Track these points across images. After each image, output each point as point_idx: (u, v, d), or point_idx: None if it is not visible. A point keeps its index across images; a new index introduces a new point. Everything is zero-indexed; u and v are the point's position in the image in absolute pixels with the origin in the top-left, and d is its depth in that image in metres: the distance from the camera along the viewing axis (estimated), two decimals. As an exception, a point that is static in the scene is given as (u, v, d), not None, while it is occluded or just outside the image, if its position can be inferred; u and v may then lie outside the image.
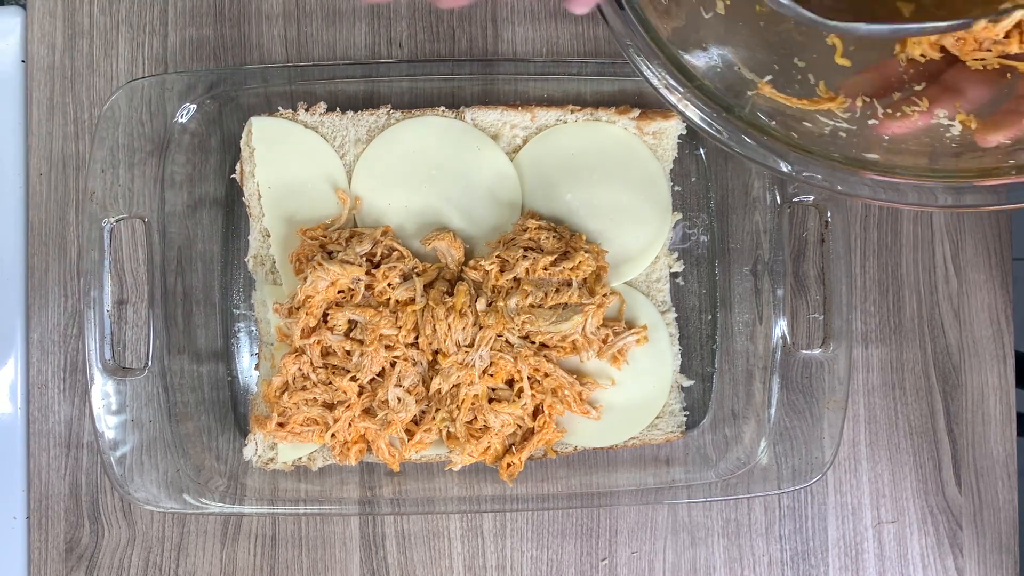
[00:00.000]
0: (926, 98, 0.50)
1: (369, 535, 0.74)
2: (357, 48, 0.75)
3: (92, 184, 0.67)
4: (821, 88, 0.52)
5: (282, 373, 0.68)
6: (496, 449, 0.70)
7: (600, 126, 0.72)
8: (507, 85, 0.71)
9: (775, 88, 0.52)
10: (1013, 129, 0.48)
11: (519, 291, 0.68)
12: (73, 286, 0.74)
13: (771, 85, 0.52)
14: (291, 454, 0.71)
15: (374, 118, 0.71)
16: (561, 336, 0.68)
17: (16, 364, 0.74)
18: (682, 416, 0.74)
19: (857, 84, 0.52)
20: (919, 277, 0.76)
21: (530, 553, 0.75)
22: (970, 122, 0.50)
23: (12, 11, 0.75)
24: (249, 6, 0.75)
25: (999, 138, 0.49)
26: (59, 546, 0.74)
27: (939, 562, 0.75)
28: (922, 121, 0.50)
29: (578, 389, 0.70)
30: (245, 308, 0.74)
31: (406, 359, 0.68)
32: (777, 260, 0.70)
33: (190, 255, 0.72)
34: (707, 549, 0.75)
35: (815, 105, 0.51)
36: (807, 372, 0.70)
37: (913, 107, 0.50)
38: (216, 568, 0.74)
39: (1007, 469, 0.76)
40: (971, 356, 0.76)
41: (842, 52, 0.52)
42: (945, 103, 0.50)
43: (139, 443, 0.67)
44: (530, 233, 0.69)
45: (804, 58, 0.53)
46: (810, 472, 0.69)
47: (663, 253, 0.73)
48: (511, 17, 0.75)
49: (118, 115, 0.67)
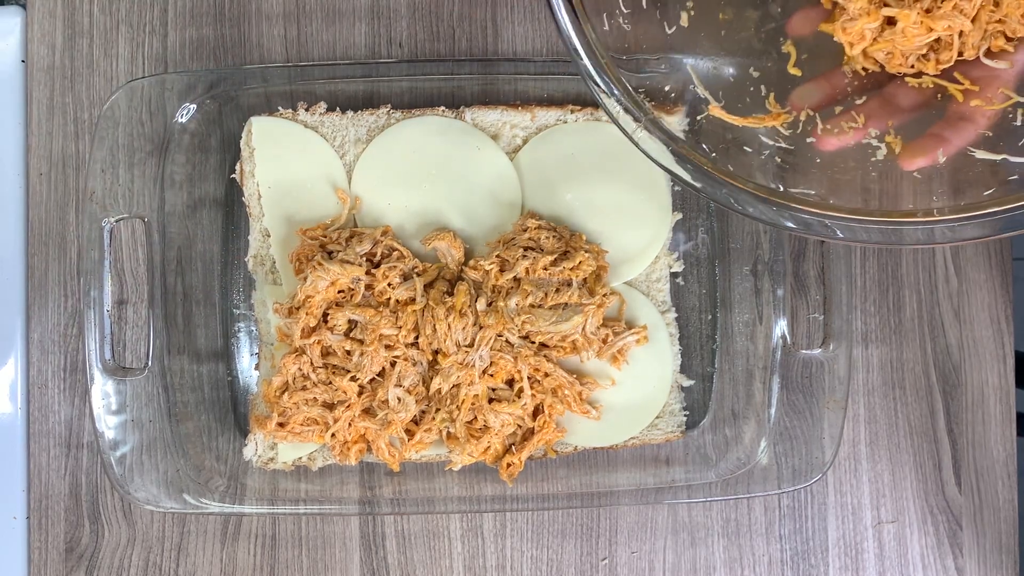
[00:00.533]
0: (863, 114, 0.52)
1: (369, 535, 0.74)
2: (357, 48, 0.75)
3: (92, 184, 0.67)
4: (771, 101, 0.54)
5: (282, 373, 0.68)
6: (496, 449, 0.70)
7: (600, 126, 0.72)
8: (507, 85, 0.71)
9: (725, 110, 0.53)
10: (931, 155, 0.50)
11: (519, 291, 0.68)
12: (73, 286, 0.74)
13: (721, 107, 0.54)
14: (291, 454, 0.71)
15: (374, 118, 0.71)
16: (561, 336, 0.68)
17: (16, 364, 0.74)
18: (682, 416, 0.74)
19: (805, 94, 0.54)
20: (919, 277, 0.76)
21: (530, 553, 0.75)
22: (895, 144, 0.51)
23: (12, 11, 0.75)
24: (249, 6, 0.75)
25: (919, 163, 0.50)
26: (59, 546, 0.74)
27: (939, 562, 0.75)
28: (855, 137, 0.52)
29: (578, 389, 0.70)
30: (245, 308, 0.74)
31: (406, 359, 0.68)
32: (777, 260, 0.70)
33: (190, 255, 0.72)
34: (707, 549, 0.75)
35: (760, 123, 0.53)
36: (807, 372, 0.70)
37: (850, 123, 0.52)
38: (216, 568, 0.74)
39: (1007, 469, 0.76)
40: (971, 356, 0.76)
41: (795, 61, 0.55)
42: (879, 119, 0.52)
43: (139, 443, 0.67)
44: (530, 233, 0.69)
45: (760, 67, 0.55)
46: (810, 472, 0.69)
47: (663, 253, 0.73)
48: (511, 17, 0.75)
49: (118, 115, 0.67)
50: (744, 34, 0.55)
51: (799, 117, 0.53)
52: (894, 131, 0.52)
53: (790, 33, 0.55)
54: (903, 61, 0.52)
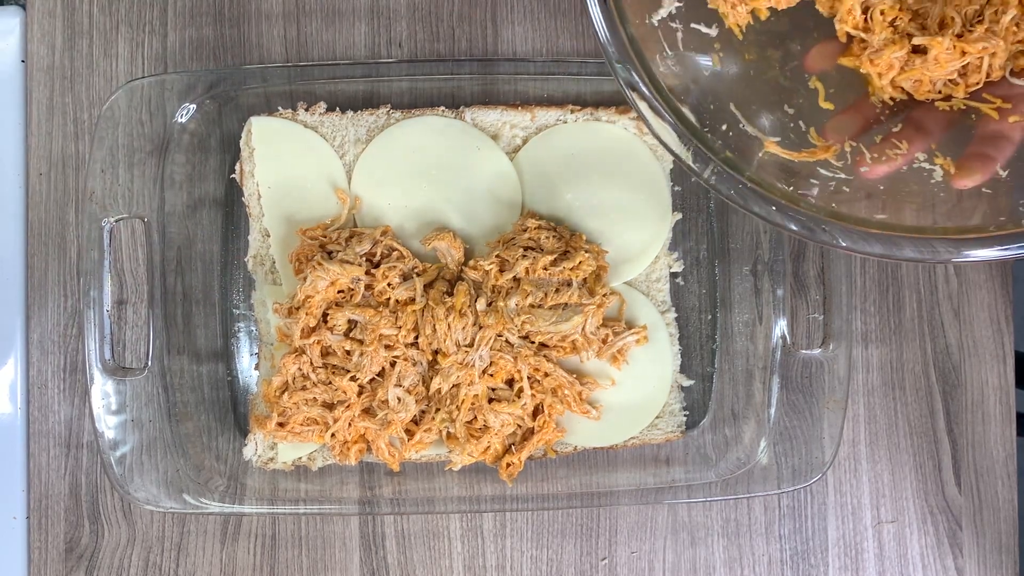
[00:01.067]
0: (904, 139, 0.53)
1: (369, 535, 0.74)
2: (357, 48, 0.75)
3: (92, 184, 0.67)
4: (812, 135, 0.55)
5: (282, 373, 0.68)
6: (496, 449, 0.70)
7: (600, 126, 0.72)
8: (507, 85, 0.71)
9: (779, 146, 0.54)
10: (982, 173, 0.50)
11: (519, 291, 0.68)
12: (73, 286, 0.74)
13: (776, 143, 0.54)
14: (291, 454, 0.71)
15: (374, 118, 0.71)
16: (561, 336, 0.68)
17: (16, 364, 0.74)
18: (682, 416, 0.74)
19: (840, 126, 0.54)
20: (919, 277, 0.76)
21: (530, 553, 0.75)
22: (948, 166, 0.52)
23: (12, 11, 0.75)
24: (249, 6, 0.75)
25: (971, 182, 0.51)
26: (59, 546, 0.74)
27: (939, 562, 0.75)
28: (903, 162, 0.52)
29: (578, 389, 0.70)
30: (245, 308, 0.74)
31: (406, 359, 0.68)
32: (777, 260, 0.70)
33: (190, 255, 0.72)
34: (707, 549, 0.75)
35: (813, 156, 0.54)
36: (807, 372, 0.70)
37: (894, 149, 0.53)
38: (216, 568, 0.74)
39: (1007, 469, 0.76)
40: (971, 356, 0.76)
41: (824, 96, 0.56)
42: (919, 143, 0.52)
43: (139, 443, 0.67)
44: (530, 233, 0.69)
45: (793, 104, 0.56)
46: (810, 472, 0.69)
47: (663, 253, 0.73)
48: (511, 17, 0.75)
49: (118, 115, 0.67)
50: (771, 73, 0.56)
51: (844, 148, 0.54)
52: (940, 153, 0.53)
53: (809, 70, 0.56)
54: (931, 88, 0.53)
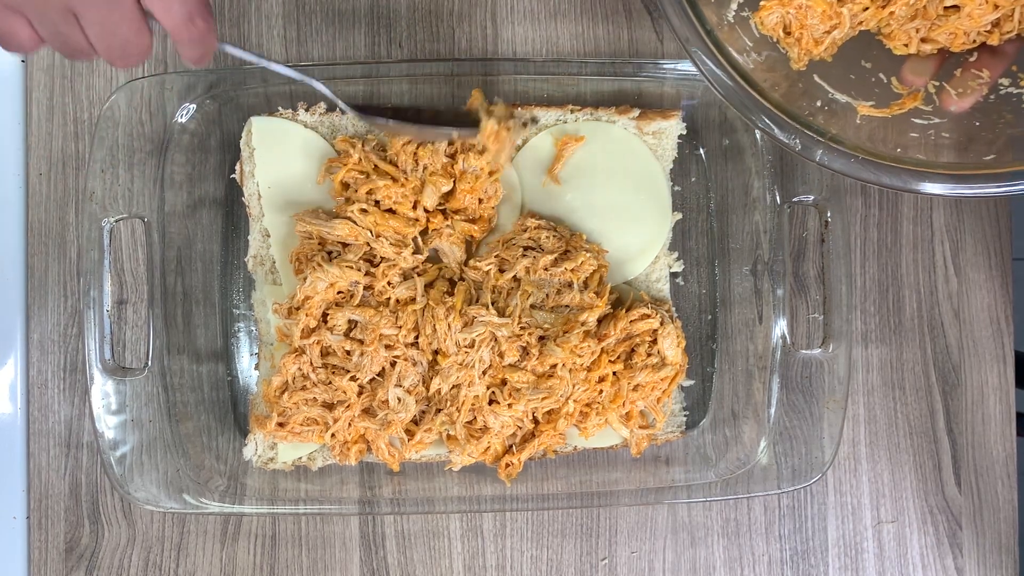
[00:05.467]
0: (984, 67, 0.54)
1: (369, 535, 0.74)
2: (357, 48, 0.75)
3: (92, 184, 0.67)
4: (895, 83, 0.56)
5: (282, 373, 0.68)
6: (496, 449, 0.70)
7: (600, 126, 0.72)
8: (507, 85, 0.71)
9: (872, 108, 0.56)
10: None
11: (519, 292, 0.68)
12: (73, 286, 0.74)
13: (870, 106, 0.56)
14: (291, 454, 0.71)
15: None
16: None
17: (16, 364, 0.74)
18: (682, 416, 0.74)
19: (916, 65, 0.56)
20: (919, 277, 0.76)
21: (530, 553, 0.75)
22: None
23: (12, 11, 0.75)
24: (249, 6, 0.75)
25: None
26: (59, 546, 0.74)
27: (939, 562, 0.75)
28: (987, 88, 0.54)
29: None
30: (245, 308, 0.74)
31: (406, 359, 0.68)
32: (777, 260, 0.70)
33: (190, 255, 0.72)
34: (707, 549, 0.75)
35: (902, 107, 0.55)
36: (807, 372, 0.70)
37: (977, 79, 0.54)
38: (216, 568, 0.74)
39: (1007, 469, 0.76)
40: (971, 356, 0.76)
41: None
42: (998, 67, 0.54)
43: (139, 443, 0.67)
44: (530, 232, 0.69)
45: (868, 57, 0.57)
46: (810, 472, 0.69)
47: (663, 253, 0.73)
48: (511, 17, 0.75)
49: (118, 115, 0.67)
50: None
51: (928, 90, 0.55)
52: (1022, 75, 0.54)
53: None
54: (965, 39, 0.54)
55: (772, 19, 0.55)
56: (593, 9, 0.75)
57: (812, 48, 0.56)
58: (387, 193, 0.67)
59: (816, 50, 0.56)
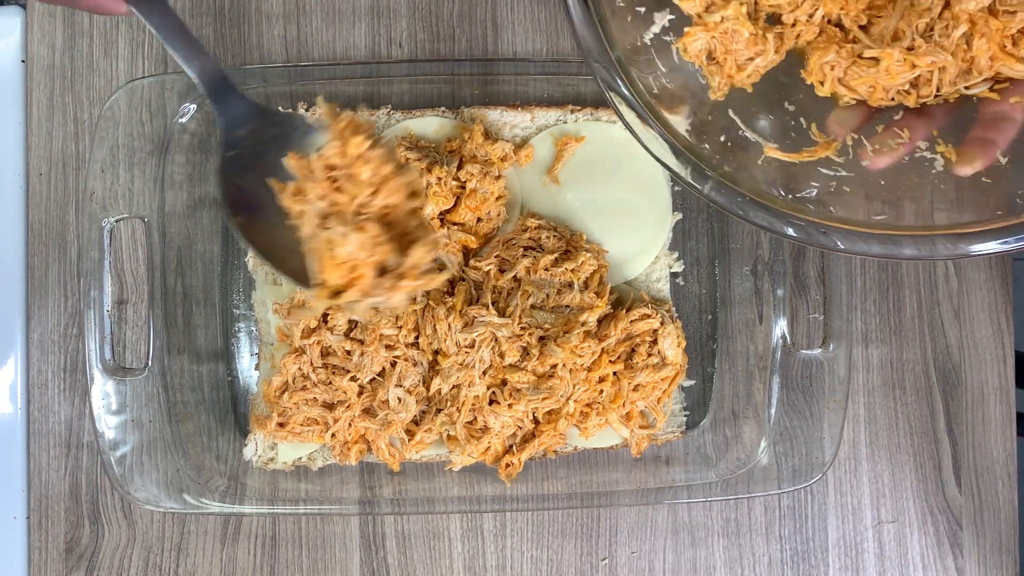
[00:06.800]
0: (905, 127, 0.53)
1: (369, 535, 0.74)
2: (357, 48, 0.75)
3: (92, 184, 0.67)
4: (814, 131, 0.55)
5: (282, 373, 0.68)
6: (496, 450, 0.70)
7: (600, 126, 0.72)
8: (507, 85, 0.71)
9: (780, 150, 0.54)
10: (983, 158, 0.51)
11: (520, 292, 0.68)
12: (73, 286, 0.74)
13: (776, 148, 0.54)
14: (291, 454, 0.71)
15: (374, 118, 0.71)
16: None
17: (16, 364, 0.74)
18: (682, 416, 0.74)
19: (842, 117, 0.54)
20: (919, 277, 0.76)
21: (530, 553, 0.75)
22: (950, 154, 0.52)
23: (12, 11, 0.75)
24: (249, 6, 0.75)
25: (972, 168, 0.51)
26: (59, 546, 0.74)
27: (939, 562, 0.75)
28: (905, 151, 0.53)
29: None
30: (245, 308, 0.74)
31: (406, 359, 0.68)
32: (777, 260, 0.70)
33: (190, 255, 0.72)
34: (707, 549, 0.75)
35: (814, 154, 0.54)
36: (807, 372, 0.70)
37: (895, 139, 0.53)
38: (216, 568, 0.74)
39: (1007, 469, 0.76)
40: (971, 356, 0.76)
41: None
42: (921, 131, 0.53)
43: (139, 443, 0.67)
44: (530, 232, 0.69)
45: (793, 100, 0.56)
46: (810, 472, 0.69)
47: (663, 253, 0.73)
48: (511, 17, 0.75)
49: (118, 115, 0.67)
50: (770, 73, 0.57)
51: (846, 142, 0.54)
52: (942, 140, 0.53)
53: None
54: (884, 95, 0.54)
55: (697, 45, 0.54)
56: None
57: (735, 74, 0.54)
58: None
59: (739, 76, 0.55)
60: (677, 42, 0.55)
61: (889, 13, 0.53)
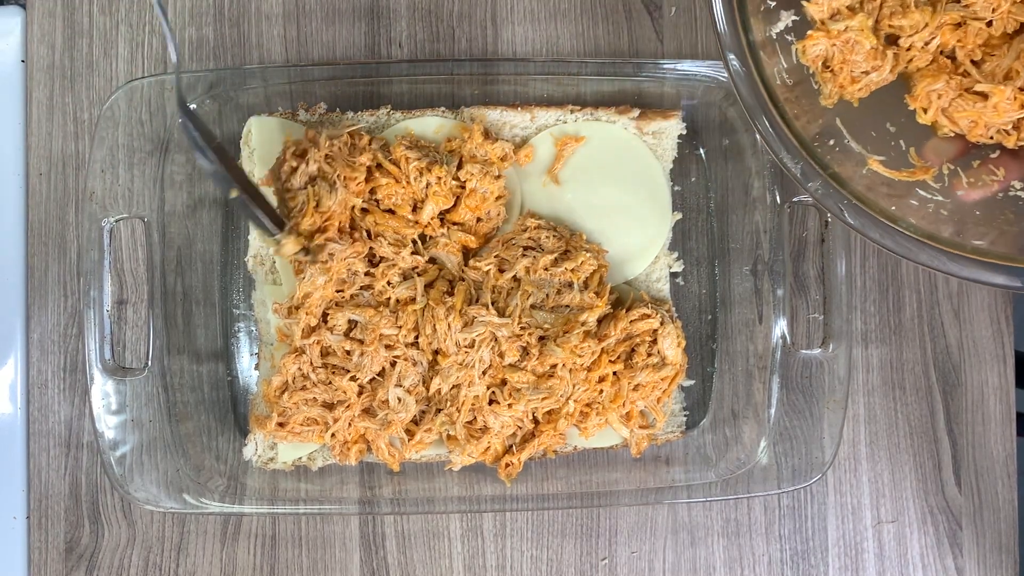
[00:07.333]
0: (1001, 166, 0.55)
1: (369, 535, 0.74)
2: (357, 48, 0.75)
3: (92, 184, 0.67)
4: (912, 155, 0.57)
5: (282, 373, 0.68)
6: (496, 449, 0.70)
7: (600, 126, 0.72)
8: (507, 85, 0.71)
9: (882, 165, 0.56)
10: None
11: (520, 291, 0.68)
12: (73, 286, 0.74)
13: (880, 162, 0.56)
14: (291, 454, 0.71)
15: (374, 118, 0.71)
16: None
17: (16, 364, 0.74)
18: (682, 416, 0.74)
19: (939, 146, 0.56)
20: (919, 277, 0.76)
21: (530, 553, 0.75)
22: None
23: (12, 11, 0.75)
24: (249, 6, 0.75)
25: None
26: (59, 546, 0.74)
27: (939, 562, 0.75)
28: (999, 187, 0.55)
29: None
30: (245, 308, 0.74)
31: (406, 359, 0.68)
32: (777, 260, 0.70)
33: (190, 255, 0.72)
34: (707, 549, 0.75)
35: (912, 176, 0.56)
36: (807, 372, 0.70)
37: (992, 176, 0.55)
38: (216, 568, 0.74)
39: (1007, 469, 0.76)
40: (971, 356, 0.76)
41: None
42: (1015, 171, 0.55)
43: (139, 443, 0.67)
44: (530, 232, 0.69)
45: (895, 122, 0.58)
46: (810, 472, 0.69)
47: (663, 253, 0.73)
48: (511, 17, 0.75)
49: (118, 115, 0.67)
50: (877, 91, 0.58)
51: (942, 170, 0.56)
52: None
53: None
54: (983, 132, 0.55)
55: (816, 50, 0.56)
56: (593, 9, 0.75)
57: (847, 85, 0.56)
58: (388, 192, 0.67)
59: (851, 88, 0.56)
60: (797, 44, 0.56)
61: (1004, 53, 0.54)
